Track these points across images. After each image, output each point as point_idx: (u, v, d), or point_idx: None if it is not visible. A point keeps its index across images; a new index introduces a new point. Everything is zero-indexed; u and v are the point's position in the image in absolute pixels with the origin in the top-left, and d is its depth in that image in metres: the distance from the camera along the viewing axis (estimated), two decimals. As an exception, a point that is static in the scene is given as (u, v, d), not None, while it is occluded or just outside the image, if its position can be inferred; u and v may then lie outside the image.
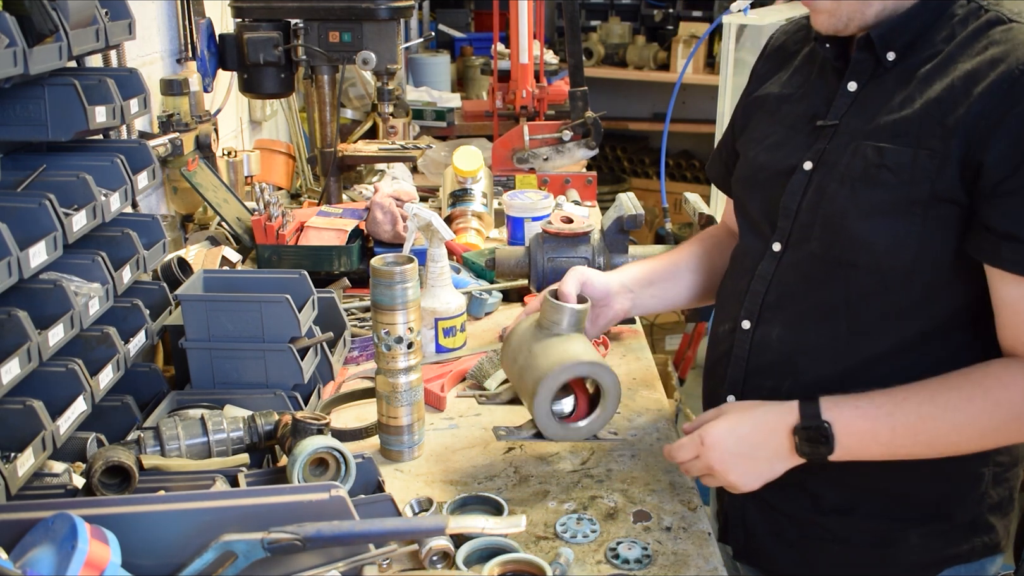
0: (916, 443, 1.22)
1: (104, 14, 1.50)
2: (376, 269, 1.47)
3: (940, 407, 1.20)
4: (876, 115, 1.27)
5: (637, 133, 6.35)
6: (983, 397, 1.19)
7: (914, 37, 1.27)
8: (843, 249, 1.28)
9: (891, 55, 1.28)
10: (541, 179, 2.81)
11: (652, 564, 1.26)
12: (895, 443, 1.23)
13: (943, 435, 1.21)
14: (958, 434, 1.21)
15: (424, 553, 1.22)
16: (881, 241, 1.24)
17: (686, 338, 4.32)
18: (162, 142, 2.17)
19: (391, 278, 1.46)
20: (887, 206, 1.23)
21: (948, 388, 1.21)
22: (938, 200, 1.20)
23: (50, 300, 1.33)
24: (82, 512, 1.02)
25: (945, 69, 1.23)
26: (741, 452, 1.29)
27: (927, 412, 1.20)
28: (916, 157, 1.21)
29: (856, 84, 1.32)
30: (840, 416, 1.23)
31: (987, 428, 1.20)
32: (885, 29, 1.27)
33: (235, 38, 2.47)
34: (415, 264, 1.49)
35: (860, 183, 1.26)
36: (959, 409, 1.19)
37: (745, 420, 1.30)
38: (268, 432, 1.42)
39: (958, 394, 1.20)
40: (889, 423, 1.21)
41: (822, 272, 1.31)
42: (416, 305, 1.50)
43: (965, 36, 1.23)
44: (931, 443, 1.22)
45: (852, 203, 1.26)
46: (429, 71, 4.35)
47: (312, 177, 3.02)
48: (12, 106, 1.42)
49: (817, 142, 1.33)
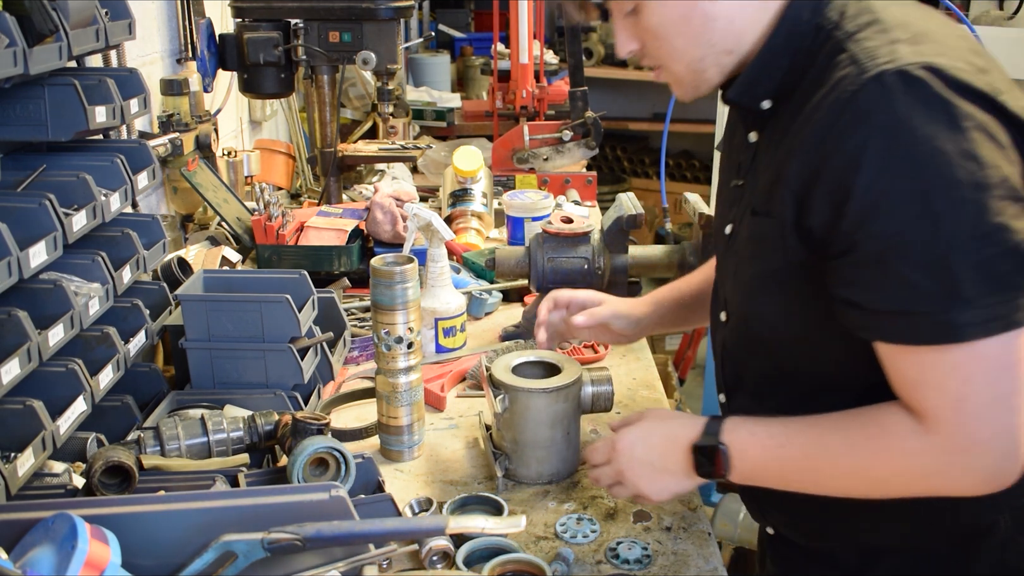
0: (802, 480, 1.18)
1: (104, 14, 1.50)
2: (376, 269, 1.47)
3: (824, 448, 1.14)
4: (758, 173, 1.19)
5: (637, 133, 6.36)
6: (865, 444, 1.11)
7: (778, 81, 1.15)
8: (743, 321, 1.26)
9: (766, 103, 1.18)
10: (541, 179, 2.82)
11: (652, 564, 1.26)
12: (783, 476, 1.19)
13: (828, 477, 1.16)
14: (843, 478, 1.15)
15: (424, 553, 1.22)
16: (766, 313, 1.19)
17: (686, 338, 4.32)
18: (162, 142, 2.17)
19: (391, 278, 1.46)
20: (759, 280, 1.18)
21: (836, 430, 1.13)
22: (796, 268, 1.12)
23: (50, 300, 1.33)
24: (82, 512, 1.02)
25: (797, 115, 1.11)
26: (649, 462, 1.25)
27: (813, 452, 1.15)
28: (764, 227, 1.14)
29: (756, 134, 1.22)
30: (737, 439, 1.18)
31: (870, 475, 1.13)
32: (740, 86, 1.18)
33: (235, 38, 2.47)
34: (415, 264, 1.49)
35: (742, 257, 1.22)
36: (841, 454, 1.13)
37: (656, 429, 1.27)
38: (268, 432, 1.42)
39: (843, 438, 1.13)
40: (778, 455, 1.17)
41: (742, 345, 1.28)
42: (416, 305, 1.50)
43: (813, 74, 1.11)
44: (817, 483, 1.17)
45: (738, 278, 1.23)
46: (429, 71, 4.35)
47: (312, 177, 3.02)
48: (12, 106, 1.42)
49: (734, 204, 1.27)
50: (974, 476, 1.06)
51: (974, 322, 0.99)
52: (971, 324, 0.99)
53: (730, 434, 1.19)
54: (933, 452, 1.06)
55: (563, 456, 1.47)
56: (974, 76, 1.02)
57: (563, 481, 1.46)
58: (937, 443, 1.05)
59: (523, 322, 1.98)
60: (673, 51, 1.19)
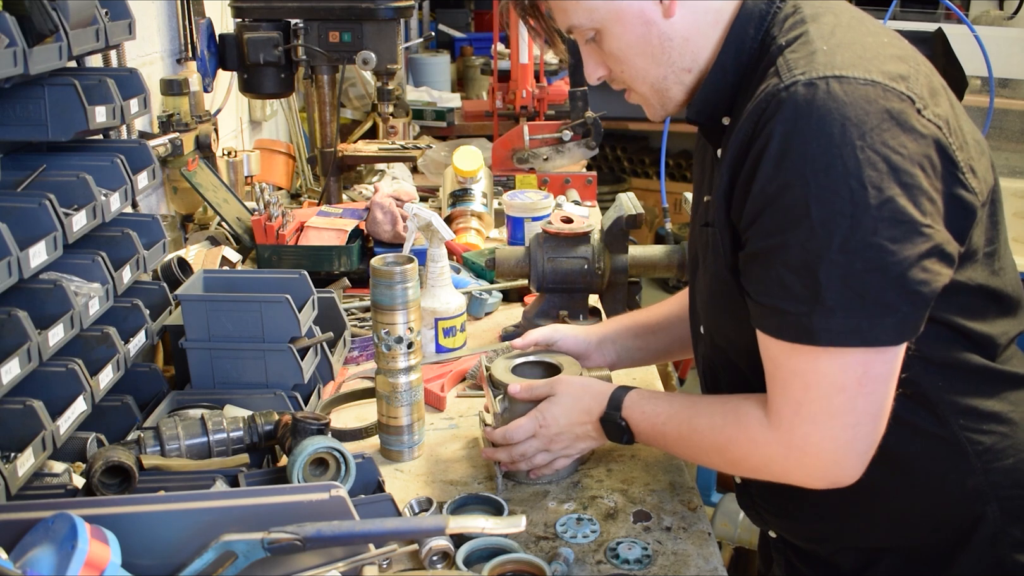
0: (684, 454, 1.36)
1: (104, 14, 1.50)
2: (376, 269, 1.47)
3: (695, 429, 1.26)
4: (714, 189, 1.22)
5: (637, 133, 6.35)
6: (723, 429, 1.21)
7: (729, 99, 1.20)
8: (708, 333, 1.32)
9: (726, 120, 1.22)
10: (541, 179, 2.82)
11: (652, 564, 1.26)
12: (670, 449, 1.35)
13: (699, 452, 1.29)
14: (709, 456, 1.29)
15: (424, 553, 1.22)
16: (724, 323, 1.26)
17: (686, 338, 4.30)
18: (162, 142, 2.17)
19: (391, 278, 1.46)
20: (713, 289, 1.25)
21: (708, 413, 1.25)
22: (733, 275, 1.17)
23: (50, 300, 1.33)
24: (82, 512, 1.02)
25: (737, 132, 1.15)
26: (573, 432, 1.40)
27: (685, 431, 1.27)
28: (709, 236, 1.21)
29: (721, 150, 1.23)
30: (633, 414, 1.33)
31: (730, 455, 1.23)
32: (697, 104, 1.22)
33: (235, 38, 2.47)
34: (415, 264, 1.49)
35: (704, 270, 1.28)
36: (706, 436, 1.24)
37: (573, 404, 1.40)
38: (268, 432, 1.42)
39: (709, 421, 1.24)
40: (662, 431, 1.31)
41: (720, 358, 1.32)
42: (416, 305, 1.50)
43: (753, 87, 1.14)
44: (693, 456, 1.33)
45: (700, 288, 1.30)
46: (429, 71, 4.35)
47: (312, 177, 3.02)
48: (12, 106, 1.42)
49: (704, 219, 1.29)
50: (808, 473, 1.14)
51: (832, 330, 1.04)
52: (828, 331, 1.05)
53: (628, 410, 1.34)
54: (772, 445, 1.15)
55: None
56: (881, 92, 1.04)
57: (563, 481, 1.46)
58: (776, 438, 1.14)
59: (523, 322, 1.98)
60: (636, 72, 1.23)
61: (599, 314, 1.99)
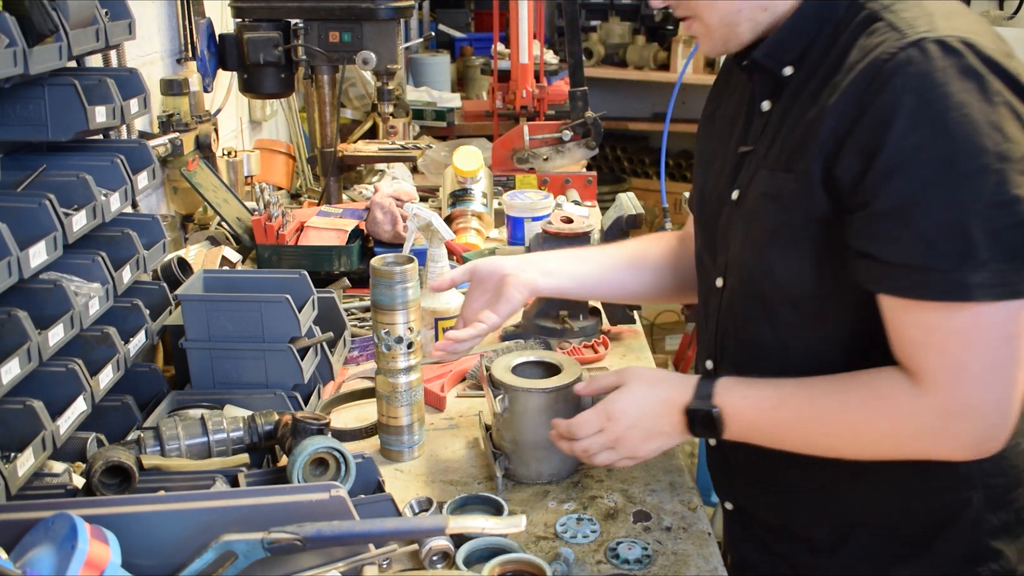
0: (795, 442, 1.21)
1: (104, 14, 1.50)
2: (376, 269, 1.47)
3: (820, 409, 1.17)
4: (776, 137, 1.22)
5: (637, 133, 6.35)
6: (860, 406, 1.14)
7: (803, 48, 1.19)
8: (750, 282, 1.25)
9: (788, 70, 1.21)
10: (541, 179, 2.82)
11: (652, 564, 1.26)
12: (776, 437, 1.22)
13: (820, 436, 1.19)
14: (836, 438, 1.18)
15: (424, 553, 1.22)
16: (778, 270, 1.20)
17: (686, 338, 4.31)
18: (162, 142, 2.17)
19: (391, 278, 1.46)
20: (775, 235, 1.19)
21: (831, 392, 1.17)
22: (815, 222, 1.14)
23: (50, 300, 1.33)
24: (82, 512, 1.02)
25: (824, 81, 1.15)
26: (644, 427, 1.28)
27: (807, 414, 1.18)
28: (786, 183, 1.17)
29: (768, 103, 1.25)
30: (729, 402, 1.22)
31: (863, 437, 1.16)
32: (768, 47, 1.21)
33: (235, 38, 2.47)
34: (415, 264, 1.49)
35: (753, 214, 1.23)
36: (836, 415, 1.16)
37: (647, 395, 1.29)
38: (268, 432, 1.42)
39: (837, 400, 1.16)
40: (772, 417, 1.20)
41: (745, 307, 1.28)
42: (416, 305, 1.50)
43: (845, 39, 1.15)
44: (809, 444, 1.20)
45: (748, 235, 1.24)
46: (429, 71, 4.35)
47: (312, 177, 3.02)
48: (12, 106, 1.42)
49: (741, 170, 1.28)
50: (963, 441, 1.10)
51: (984, 284, 1.02)
52: (981, 286, 1.02)
53: (722, 396, 1.22)
54: (926, 414, 1.09)
55: (563, 456, 1.47)
56: (1003, 58, 1.06)
57: (563, 481, 1.46)
58: (931, 405, 1.08)
59: (523, 322, 1.98)
60: (710, 1, 1.21)
61: (599, 314, 1.99)
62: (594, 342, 1.94)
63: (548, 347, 1.83)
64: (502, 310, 1.48)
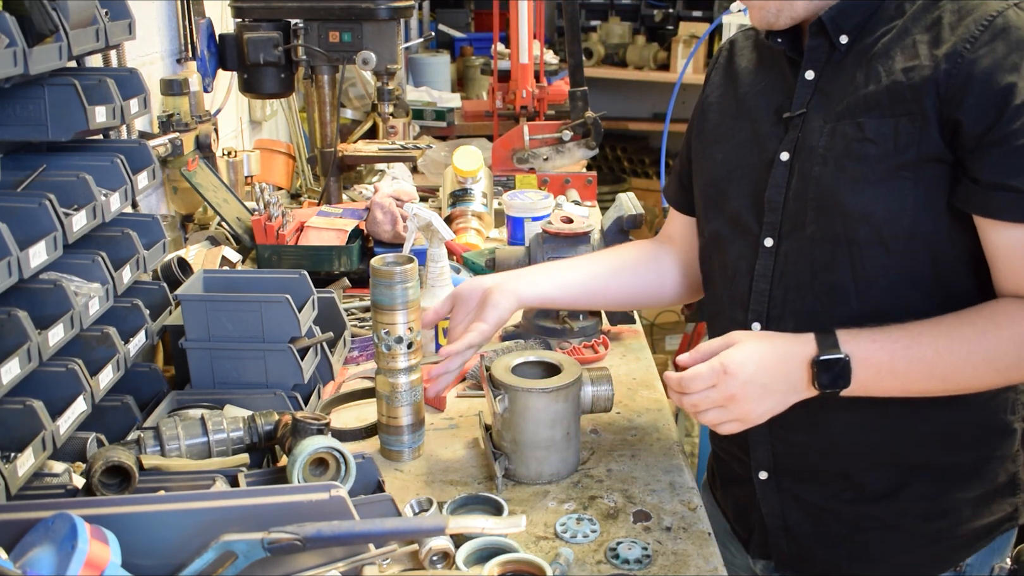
0: (932, 376, 1.23)
1: (104, 14, 1.50)
2: (376, 269, 1.47)
3: (956, 340, 1.21)
4: (844, 96, 1.28)
5: (637, 133, 6.35)
6: (996, 332, 1.20)
7: (864, 18, 1.29)
8: (843, 227, 1.27)
9: (844, 38, 1.30)
10: (541, 179, 2.81)
11: (652, 564, 1.26)
12: (911, 376, 1.23)
13: (958, 369, 1.22)
14: (973, 368, 1.22)
15: (424, 553, 1.22)
16: (878, 211, 1.24)
17: (686, 338, 4.32)
18: (162, 142, 2.17)
19: (391, 278, 1.46)
20: (877, 176, 1.24)
21: (962, 323, 1.22)
22: (925, 161, 1.21)
23: (50, 300, 1.33)
24: (82, 512, 1.02)
25: (902, 40, 1.25)
26: (761, 382, 1.24)
27: (943, 346, 1.21)
28: (897, 125, 1.23)
29: (813, 72, 1.33)
30: (858, 349, 1.22)
31: (1000, 362, 1.21)
32: (835, 12, 1.29)
33: (235, 38, 2.47)
34: (415, 264, 1.49)
35: (846, 160, 1.26)
36: (974, 343, 1.21)
37: (766, 349, 1.26)
38: (268, 432, 1.42)
39: (972, 329, 1.21)
40: (906, 356, 1.21)
41: (826, 255, 1.30)
42: (416, 305, 1.50)
43: (916, 9, 1.26)
44: (946, 377, 1.23)
45: (841, 180, 1.27)
46: (429, 71, 4.35)
47: (312, 177, 3.02)
48: (12, 106, 1.42)
49: (788, 133, 1.34)
50: None
51: None
52: None
53: (849, 344, 1.23)
54: None
55: (563, 456, 1.47)
56: None
57: (563, 481, 1.46)
58: None
59: (523, 322, 1.98)
60: None
61: (599, 314, 1.99)
62: (594, 342, 1.94)
63: (548, 347, 1.84)
64: (490, 316, 1.48)
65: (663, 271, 1.64)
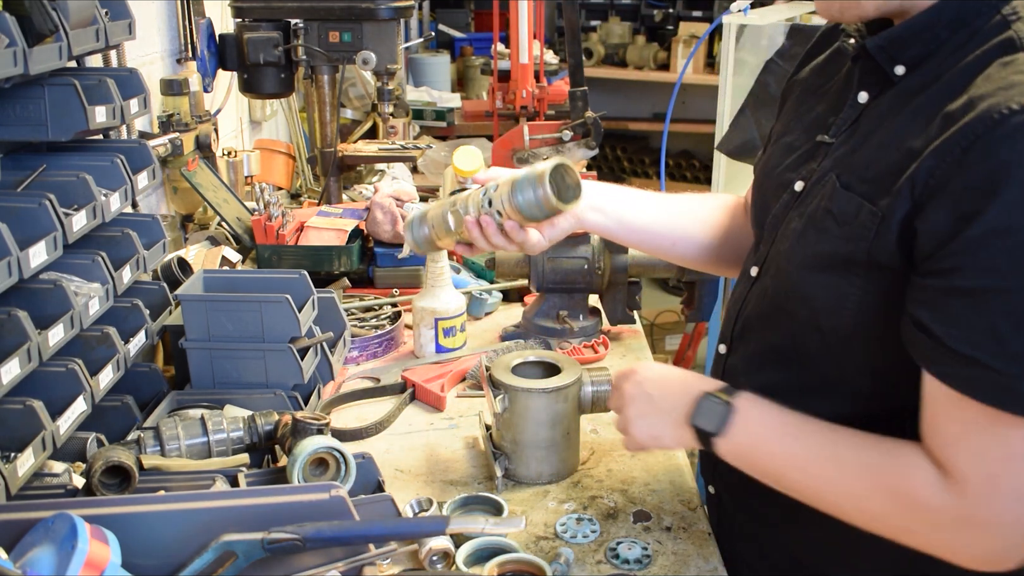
0: (795, 480, 1.11)
1: (104, 14, 1.50)
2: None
3: (835, 460, 1.07)
4: (863, 142, 1.09)
5: (637, 133, 6.35)
6: (877, 475, 1.04)
7: (925, 50, 1.04)
8: (784, 299, 1.17)
9: (900, 69, 1.07)
10: (541, 179, 2.81)
11: (652, 564, 1.26)
12: (776, 468, 1.13)
13: (826, 491, 1.09)
14: (839, 498, 1.08)
15: (424, 553, 1.22)
16: (818, 296, 1.10)
17: (686, 338, 4.32)
18: (162, 142, 2.17)
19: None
20: (826, 259, 1.08)
21: (854, 447, 1.07)
22: (875, 264, 1.03)
23: (50, 300, 1.33)
24: (82, 512, 1.02)
25: (942, 102, 1.00)
26: (650, 393, 1.22)
27: (821, 458, 1.08)
28: (859, 211, 1.04)
29: (867, 95, 1.12)
30: (750, 409, 1.14)
31: (867, 509, 1.06)
32: (886, 39, 1.07)
33: (235, 38, 2.47)
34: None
35: (809, 226, 1.11)
36: (850, 474, 1.06)
37: (675, 373, 1.25)
38: (268, 432, 1.42)
39: (856, 459, 1.06)
40: (784, 445, 1.11)
41: (772, 315, 1.21)
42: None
43: (971, 61, 1.00)
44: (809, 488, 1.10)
45: (800, 248, 1.13)
46: (429, 71, 4.35)
47: (312, 177, 3.02)
48: (12, 106, 1.42)
49: (812, 160, 1.18)
50: (977, 552, 1.01)
51: None
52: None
53: (745, 402, 1.14)
54: (947, 514, 1.00)
55: (563, 456, 1.47)
56: None
57: (563, 481, 1.46)
58: (955, 507, 0.99)
59: (523, 322, 1.98)
60: None
61: (599, 314, 1.99)
62: (594, 342, 1.94)
63: (548, 347, 1.84)
64: (547, 233, 1.40)
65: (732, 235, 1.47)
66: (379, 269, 2.22)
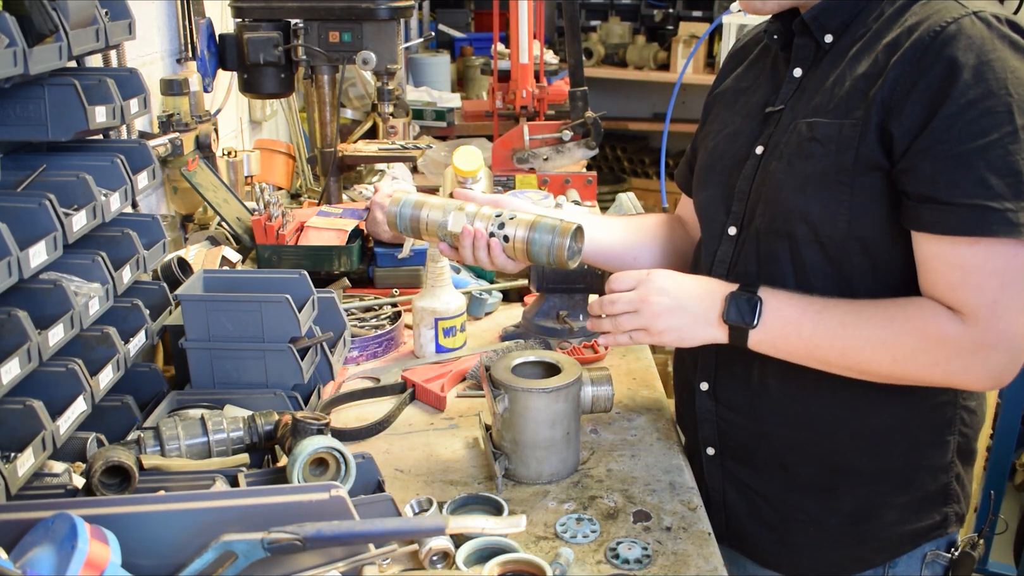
0: (832, 348, 1.28)
1: (104, 14, 1.50)
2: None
3: (863, 319, 1.25)
4: (814, 96, 1.32)
5: (637, 133, 6.35)
6: (902, 322, 1.23)
7: (848, 18, 1.32)
8: (782, 222, 1.32)
9: (829, 37, 1.33)
10: (541, 179, 2.81)
11: (652, 564, 1.26)
12: (814, 340, 1.28)
13: (858, 347, 1.26)
14: (872, 350, 1.25)
15: (424, 553, 1.22)
16: (815, 211, 1.28)
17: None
18: (162, 142, 2.17)
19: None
20: (818, 177, 1.27)
21: (875, 307, 1.26)
22: (864, 167, 1.24)
23: (50, 300, 1.33)
24: (82, 512, 1.02)
25: (872, 45, 1.27)
26: (676, 295, 1.35)
27: (850, 320, 1.26)
28: (842, 128, 1.25)
29: (800, 70, 1.37)
30: (773, 298, 1.30)
31: (898, 351, 1.24)
32: (817, 11, 1.32)
33: (235, 38, 2.47)
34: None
35: (795, 157, 1.30)
36: (878, 326, 1.25)
37: (690, 278, 1.39)
38: (268, 432, 1.42)
39: (882, 312, 1.25)
40: (814, 319, 1.27)
41: (771, 248, 1.35)
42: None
43: (891, 12, 1.28)
44: (845, 351, 1.27)
45: (787, 177, 1.31)
46: (429, 71, 4.35)
47: (312, 177, 3.02)
48: (12, 106, 1.42)
49: (767, 127, 1.39)
50: (987, 371, 1.22)
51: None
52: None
53: (766, 291, 1.31)
54: (964, 340, 1.20)
55: (563, 456, 1.47)
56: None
57: (563, 481, 1.46)
58: (970, 335, 1.20)
59: (523, 322, 1.97)
60: None
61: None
62: (594, 342, 1.94)
63: (548, 347, 1.83)
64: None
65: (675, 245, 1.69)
66: (379, 269, 2.22)
